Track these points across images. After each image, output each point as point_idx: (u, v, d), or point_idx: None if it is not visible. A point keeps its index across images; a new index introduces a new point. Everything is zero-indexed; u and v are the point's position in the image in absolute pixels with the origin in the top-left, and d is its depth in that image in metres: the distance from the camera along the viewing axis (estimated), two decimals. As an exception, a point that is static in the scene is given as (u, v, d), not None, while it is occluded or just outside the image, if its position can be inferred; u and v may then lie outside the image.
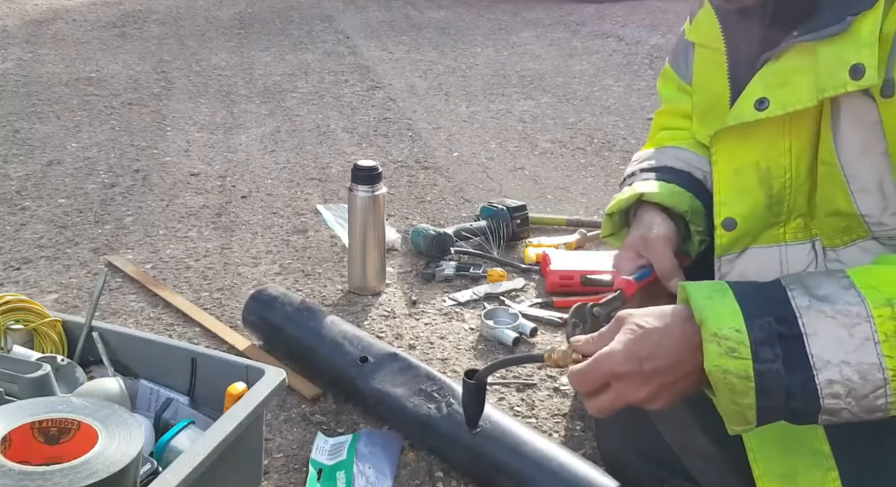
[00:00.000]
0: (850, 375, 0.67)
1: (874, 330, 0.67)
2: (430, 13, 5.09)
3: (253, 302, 1.50)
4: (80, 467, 0.81)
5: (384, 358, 1.29)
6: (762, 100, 0.81)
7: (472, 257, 1.89)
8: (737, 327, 0.70)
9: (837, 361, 0.68)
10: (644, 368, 0.73)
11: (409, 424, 1.21)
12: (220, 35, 4.42)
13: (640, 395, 0.74)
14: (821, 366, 0.68)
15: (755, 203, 0.86)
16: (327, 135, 2.82)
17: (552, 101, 3.27)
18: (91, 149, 2.63)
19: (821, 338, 0.68)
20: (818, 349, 0.68)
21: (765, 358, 0.69)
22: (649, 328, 0.75)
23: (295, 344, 1.41)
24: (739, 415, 0.72)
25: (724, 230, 0.89)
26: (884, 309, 0.68)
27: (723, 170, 0.88)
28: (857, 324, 0.68)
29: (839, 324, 0.68)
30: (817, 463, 0.80)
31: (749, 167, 0.86)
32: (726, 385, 0.70)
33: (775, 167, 0.84)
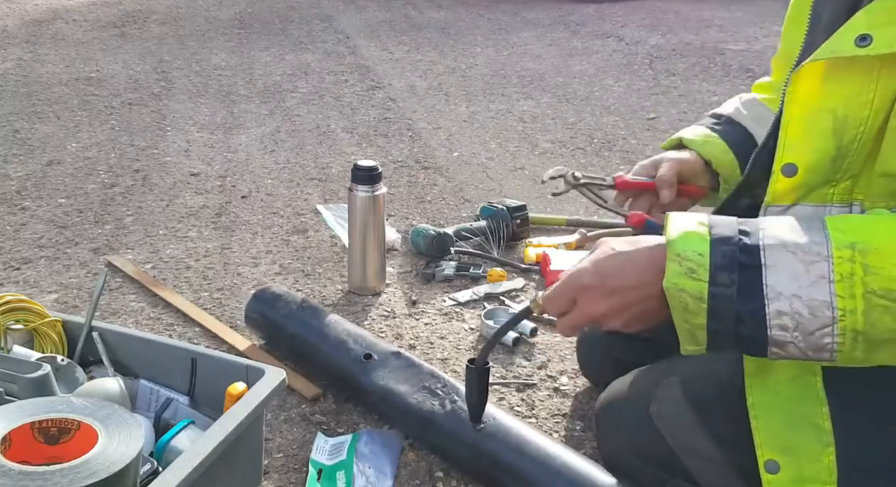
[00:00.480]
0: (800, 309, 0.69)
1: (831, 269, 0.69)
2: (430, 13, 5.10)
3: (255, 301, 1.50)
4: (80, 467, 0.81)
5: (388, 356, 1.29)
6: (864, 36, 0.74)
7: (472, 257, 1.89)
8: (700, 251, 0.73)
9: (790, 294, 0.69)
10: (607, 284, 0.78)
11: (412, 421, 1.21)
12: (220, 35, 4.42)
13: (601, 309, 0.79)
14: (773, 297, 0.70)
15: (823, 152, 0.81)
16: (327, 135, 2.82)
17: (552, 101, 3.27)
18: (91, 149, 2.63)
19: (778, 270, 0.70)
20: (773, 280, 0.70)
21: (720, 283, 0.71)
22: (619, 250, 0.79)
23: (298, 342, 1.41)
24: (691, 335, 0.75)
25: (781, 175, 0.83)
26: (844, 251, 0.69)
27: (796, 112, 0.82)
28: (816, 262, 0.69)
29: (798, 260, 0.70)
30: (817, 439, 0.81)
31: (826, 112, 0.80)
32: (680, 303, 0.73)
33: (853, 118, 0.79)
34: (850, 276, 0.68)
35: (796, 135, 0.83)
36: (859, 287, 0.68)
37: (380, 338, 1.38)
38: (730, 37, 4.58)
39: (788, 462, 0.83)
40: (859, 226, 0.72)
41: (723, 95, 3.37)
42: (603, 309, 0.78)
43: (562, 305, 0.82)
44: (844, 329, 0.69)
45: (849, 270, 0.68)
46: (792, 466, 0.83)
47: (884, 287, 0.67)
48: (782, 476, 0.83)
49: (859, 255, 0.68)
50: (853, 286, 0.68)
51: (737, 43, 4.41)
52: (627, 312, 0.78)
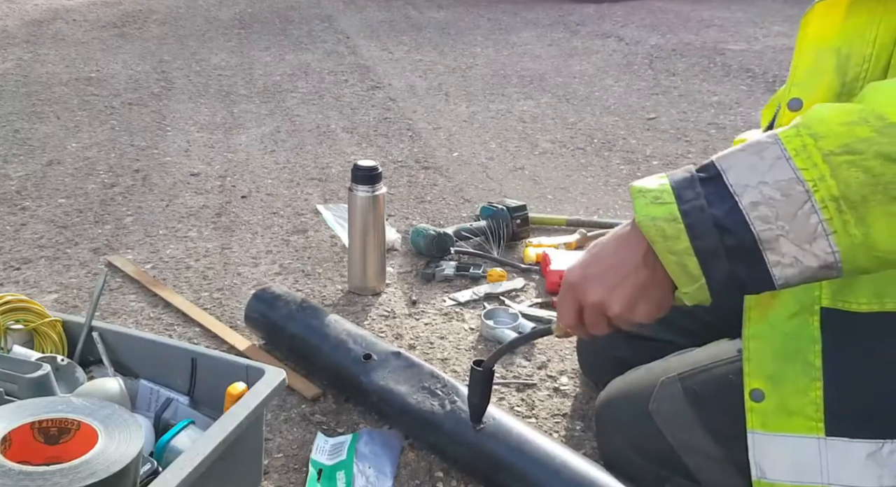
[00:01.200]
0: (771, 193, 0.68)
1: (783, 148, 0.69)
2: (430, 13, 5.10)
3: (255, 301, 1.50)
4: (80, 467, 0.81)
5: (388, 356, 1.29)
6: None
7: (472, 257, 1.89)
8: (661, 182, 0.74)
9: (755, 182, 0.68)
10: (589, 272, 0.79)
11: (412, 421, 1.21)
12: (220, 35, 4.42)
13: (596, 297, 0.78)
14: (741, 192, 0.69)
15: (827, 88, 0.83)
16: (327, 135, 2.82)
17: (552, 101, 3.27)
18: (91, 149, 2.64)
19: (736, 169, 0.70)
20: (734, 177, 0.70)
21: (687, 199, 0.71)
22: (597, 242, 0.81)
23: (297, 342, 1.41)
24: (682, 268, 0.72)
25: (787, 109, 0.85)
26: (789, 131, 0.69)
27: (804, 51, 0.85)
28: (767, 148, 0.69)
29: (750, 153, 0.70)
30: (805, 373, 0.83)
31: (830, 51, 0.82)
32: (657, 231, 0.71)
33: (856, 55, 0.81)
34: (803, 148, 0.68)
35: (802, 73, 0.84)
36: (816, 154, 0.67)
37: (380, 338, 1.38)
38: (730, 37, 4.58)
39: (773, 392, 0.84)
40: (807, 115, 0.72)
41: (723, 95, 3.37)
42: (596, 296, 0.78)
43: (570, 312, 0.82)
44: (823, 199, 0.67)
45: (800, 144, 0.68)
46: (777, 396, 0.84)
47: (838, 144, 0.67)
48: (766, 404, 0.85)
49: (804, 128, 0.69)
50: (810, 155, 0.67)
51: (737, 43, 4.41)
52: (620, 291, 0.77)
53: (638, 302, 0.77)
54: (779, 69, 3.74)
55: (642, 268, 0.76)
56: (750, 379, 0.86)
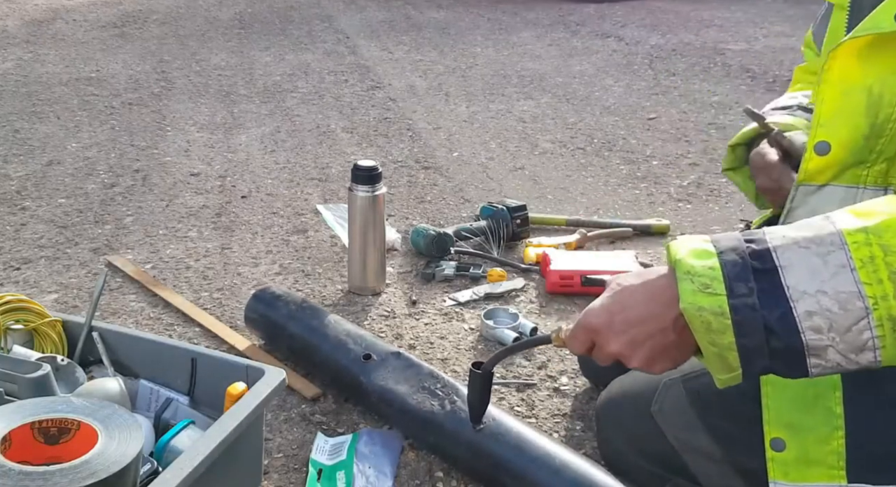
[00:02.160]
0: (829, 305, 0.64)
1: (849, 257, 0.64)
2: (430, 13, 5.10)
3: (255, 301, 1.50)
4: (80, 467, 0.81)
5: (387, 356, 1.29)
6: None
7: (472, 257, 1.89)
8: (710, 264, 0.67)
9: (814, 290, 0.64)
10: (615, 321, 0.73)
11: (412, 421, 1.21)
12: (220, 35, 4.42)
13: (615, 348, 0.74)
14: (797, 297, 0.64)
15: (856, 129, 0.81)
16: (327, 135, 2.82)
17: (552, 101, 3.27)
18: (91, 149, 2.64)
19: (795, 269, 0.65)
20: (793, 280, 0.65)
21: (739, 293, 0.66)
22: (626, 284, 0.75)
23: (297, 342, 1.41)
24: (721, 360, 0.68)
25: (815, 154, 0.82)
26: (857, 235, 0.65)
27: (831, 90, 0.82)
28: (832, 252, 0.65)
29: (812, 253, 0.65)
30: (827, 422, 0.81)
31: (860, 90, 0.80)
32: (702, 323, 0.67)
33: (889, 94, 0.78)
34: (870, 260, 0.63)
35: (830, 113, 0.82)
36: (883, 269, 0.63)
37: (379, 338, 1.38)
38: (730, 37, 4.58)
39: (794, 441, 0.82)
40: (863, 210, 0.68)
41: (723, 95, 3.37)
42: (617, 348, 0.74)
43: (582, 347, 0.78)
44: (881, 318, 0.63)
45: (868, 254, 0.64)
46: (797, 445, 0.82)
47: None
48: (787, 454, 0.82)
49: (874, 237, 0.64)
50: (877, 270, 0.63)
51: (737, 43, 4.41)
52: (642, 349, 0.73)
53: (657, 360, 0.73)
54: (779, 69, 3.74)
55: (671, 332, 0.71)
56: (770, 427, 0.83)
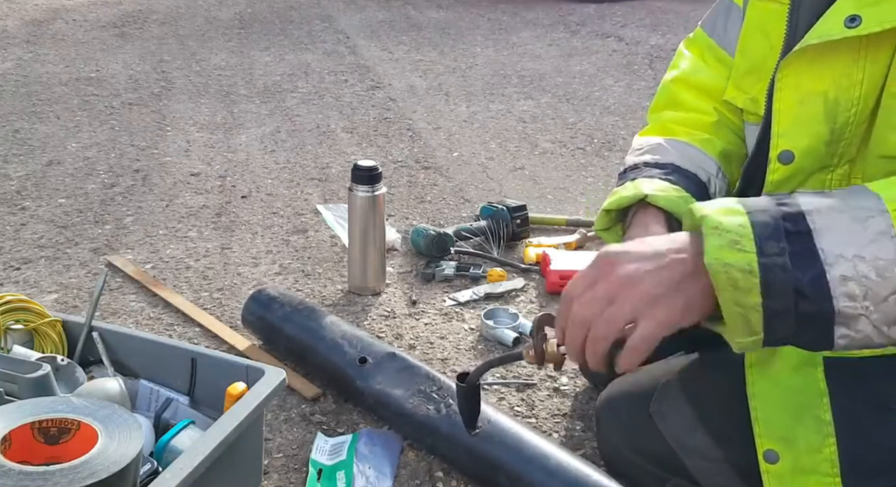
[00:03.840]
0: (866, 271, 0.60)
1: (890, 224, 0.61)
2: (430, 13, 5.10)
3: (252, 303, 1.50)
4: (80, 467, 0.81)
5: (383, 359, 1.29)
6: (854, 16, 0.74)
7: (472, 257, 1.89)
8: (740, 222, 0.64)
9: (851, 255, 0.61)
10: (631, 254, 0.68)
11: (409, 425, 1.21)
12: (220, 35, 4.42)
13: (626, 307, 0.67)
14: (832, 261, 0.61)
15: (817, 136, 0.80)
16: (327, 135, 2.82)
17: (552, 101, 3.27)
18: (91, 149, 2.64)
19: (832, 232, 0.62)
20: (828, 243, 0.62)
21: (770, 252, 0.62)
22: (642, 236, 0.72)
23: (294, 345, 1.41)
24: (744, 320, 0.64)
25: (779, 163, 0.81)
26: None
27: (786, 99, 0.81)
28: (872, 217, 0.62)
29: (850, 218, 0.62)
30: (817, 430, 0.81)
31: (816, 97, 0.79)
32: (729, 280, 0.63)
33: (844, 99, 0.78)
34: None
35: (789, 122, 0.82)
36: None
37: (376, 338, 1.38)
38: (730, 37, 4.57)
39: (787, 453, 0.82)
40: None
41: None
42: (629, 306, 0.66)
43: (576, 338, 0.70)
44: None
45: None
46: (791, 456, 0.82)
47: None
48: (781, 466, 0.83)
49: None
50: None
51: (737, 43, 4.41)
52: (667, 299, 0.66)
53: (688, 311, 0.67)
54: (779, 69, 3.74)
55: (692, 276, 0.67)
56: (762, 440, 0.83)
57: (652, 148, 1.02)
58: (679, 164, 0.98)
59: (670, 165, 0.98)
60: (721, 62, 1.08)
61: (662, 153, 1.01)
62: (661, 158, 1.00)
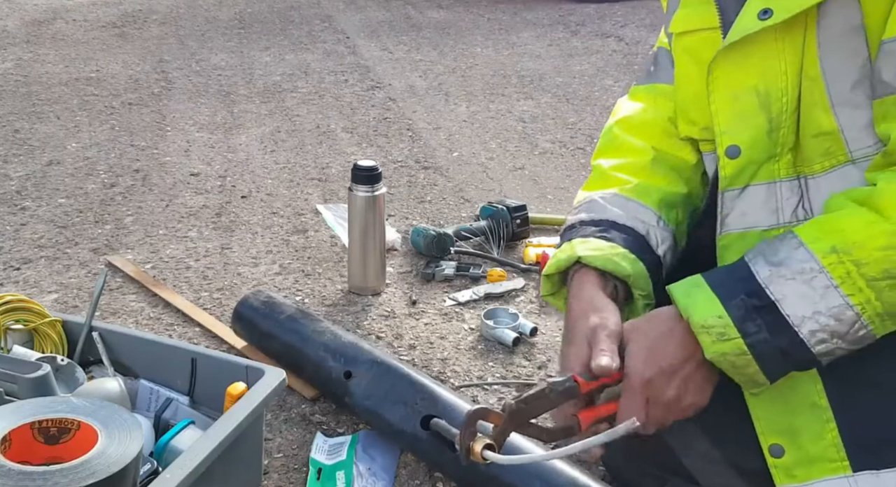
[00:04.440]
0: (827, 321, 0.75)
1: (829, 277, 0.74)
2: (430, 13, 5.10)
3: (235, 319, 1.47)
4: (80, 467, 0.81)
5: (368, 370, 1.25)
6: (765, 10, 0.80)
7: (472, 257, 1.89)
8: (718, 314, 0.77)
9: (811, 313, 0.75)
10: (664, 367, 0.80)
11: (397, 438, 1.18)
12: (220, 35, 4.42)
13: (672, 392, 0.80)
14: (799, 322, 0.75)
15: (757, 127, 0.85)
16: (327, 135, 2.82)
17: (552, 101, 3.27)
18: (91, 149, 2.64)
19: (790, 299, 0.75)
20: (791, 308, 0.75)
21: (751, 332, 0.76)
22: (654, 335, 0.81)
23: (281, 361, 1.37)
24: (751, 381, 0.79)
25: (728, 159, 0.87)
26: (830, 257, 0.75)
27: (721, 98, 0.87)
28: (814, 277, 0.75)
29: (800, 283, 0.75)
30: (816, 417, 0.82)
31: (748, 91, 0.85)
32: (729, 364, 0.78)
33: (774, 89, 0.84)
34: (847, 276, 0.74)
35: (728, 119, 0.87)
36: (860, 280, 0.73)
37: (361, 340, 1.33)
38: (730, 37, 4.57)
39: (791, 444, 0.83)
40: (827, 229, 0.77)
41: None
42: (673, 392, 0.80)
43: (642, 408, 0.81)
44: (871, 318, 0.74)
45: (843, 271, 0.74)
46: (795, 447, 0.83)
47: (880, 270, 0.73)
48: (788, 458, 0.84)
49: (844, 255, 0.74)
50: (855, 282, 0.74)
51: (737, 43, 4.40)
52: (691, 384, 0.81)
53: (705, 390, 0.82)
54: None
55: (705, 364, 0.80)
56: (765, 436, 0.86)
57: (588, 205, 1.01)
58: (615, 220, 0.97)
59: (606, 222, 0.97)
60: (660, 94, 1.07)
61: (598, 210, 0.99)
62: (597, 215, 0.98)
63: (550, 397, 0.80)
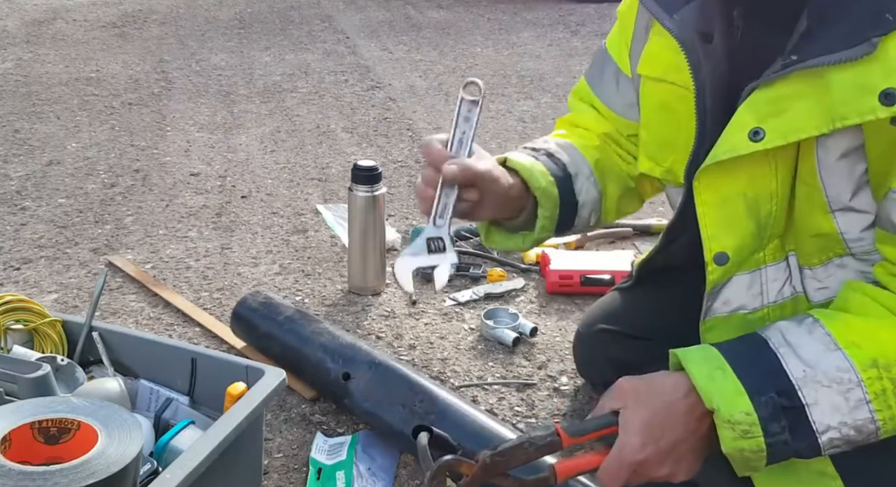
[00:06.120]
0: (849, 433, 0.75)
1: (865, 392, 0.74)
2: (430, 13, 5.09)
3: (234, 320, 1.47)
4: (80, 467, 0.81)
5: (366, 371, 1.25)
6: (756, 130, 0.78)
7: (472, 257, 1.89)
8: (746, 410, 0.75)
9: (837, 423, 0.74)
10: (661, 446, 0.78)
11: (397, 439, 1.19)
12: (220, 35, 4.42)
13: (664, 471, 0.79)
14: (823, 430, 0.75)
15: (744, 232, 0.86)
16: (327, 135, 2.82)
17: (552, 101, 3.27)
18: (91, 149, 2.64)
19: (821, 406, 0.74)
20: (819, 416, 0.74)
21: (773, 432, 0.75)
22: (656, 407, 0.79)
23: (281, 362, 1.36)
24: (749, 468, 0.79)
25: (716, 265, 0.88)
26: (871, 371, 0.74)
27: (708, 203, 0.86)
28: (851, 389, 0.74)
29: (835, 392, 0.74)
30: (824, 484, 0.83)
31: (736, 197, 0.85)
32: (742, 459, 0.77)
33: (763, 194, 0.83)
34: (882, 392, 0.74)
35: (715, 224, 0.86)
36: (892, 398, 0.74)
37: (360, 340, 1.34)
38: (730, 37, 4.56)
39: None
40: (868, 336, 0.75)
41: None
42: (666, 470, 0.79)
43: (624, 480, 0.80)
44: (886, 430, 0.75)
45: (880, 388, 0.74)
46: None
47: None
48: None
49: (885, 371, 0.74)
50: (887, 399, 0.74)
51: (737, 43, 4.40)
52: (685, 461, 0.80)
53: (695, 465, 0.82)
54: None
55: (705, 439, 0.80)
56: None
57: (533, 141, 1.08)
58: (551, 151, 1.03)
59: (542, 149, 1.03)
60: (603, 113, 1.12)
61: (540, 143, 1.06)
62: (538, 145, 1.05)
63: (529, 451, 0.79)
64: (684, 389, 0.78)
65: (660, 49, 0.95)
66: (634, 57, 1.02)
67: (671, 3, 0.90)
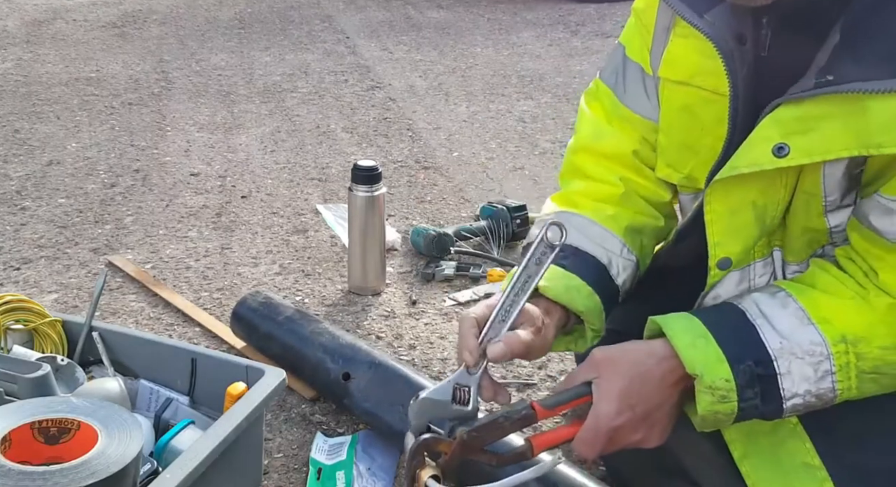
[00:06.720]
0: (811, 400, 0.79)
1: (832, 364, 0.78)
2: (430, 13, 5.09)
3: (234, 321, 1.48)
4: (80, 467, 0.81)
5: (366, 371, 1.25)
6: (781, 146, 0.77)
7: (472, 257, 1.89)
8: (726, 377, 0.78)
9: (803, 391, 0.79)
10: (637, 413, 0.80)
11: (397, 440, 1.19)
12: (220, 35, 4.42)
13: (637, 436, 0.82)
14: (790, 397, 0.79)
15: (749, 238, 0.87)
16: (327, 135, 2.82)
17: (552, 101, 3.27)
18: (91, 149, 2.64)
19: (792, 376, 0.78)
20: (789, 384, 0.79)
21: (747, 398, 0.79)
22: (631, 374, 0.81)
23: (281, 362, 1.36)
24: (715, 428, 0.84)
25: (718, 270, 0.89)
26: (840, 346, 0.78)
27: (717, 211, 0.86)
28: (821, 362, 0.78)
29: (806, 364, 0.78)
30: (811, 476, 0.84)
31: (745, 206, 0.85)
32: (714, 420, 0.81)
33: (771, 203, 0.84)
34: (846, 365, 0.78)
35: (723, 232, 0.88)
36: (854, 371, 0.78)
37: (360, 340, 1.34)
38: (730, 37, 4.56)
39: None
40: (836, 314, 0.79)
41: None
42: (639, 435, 0.82)
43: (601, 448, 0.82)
44: (843, 398, 0.80)
45: (845, 361, 0.78)
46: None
47: (872, 367, 0.78)
48: None
49: (851, 347, 0.78)
50: (849, 371, 0.78)
51: (737, 43, 4.40)
52: (658, 426, 0.82)
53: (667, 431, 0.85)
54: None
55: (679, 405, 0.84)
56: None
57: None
58: (578, 246, 0.96)
59: (569, 247, 0.95)
60: (626, 121, 1.04)
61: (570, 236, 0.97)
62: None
63: (505, 426, 0.80)
64: (659, 356, 0.81)
65: (685, 51, 0.92)
66: (655, 58, 0.98)
67: (699, 3, 0.86)
